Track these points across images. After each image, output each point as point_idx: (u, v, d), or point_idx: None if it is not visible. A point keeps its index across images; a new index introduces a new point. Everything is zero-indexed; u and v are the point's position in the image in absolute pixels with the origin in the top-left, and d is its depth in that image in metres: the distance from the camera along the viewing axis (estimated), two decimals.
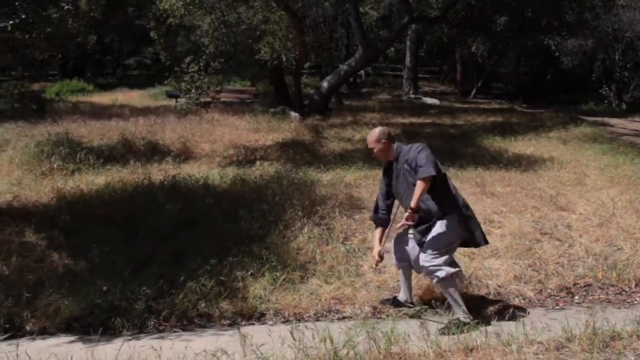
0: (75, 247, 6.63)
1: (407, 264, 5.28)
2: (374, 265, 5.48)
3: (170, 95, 23.56)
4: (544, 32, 20.98)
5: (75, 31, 7.33)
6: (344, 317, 5.32)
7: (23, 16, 5.44)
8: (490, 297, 5.66)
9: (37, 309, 5.34)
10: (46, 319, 5.24)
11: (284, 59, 16.23)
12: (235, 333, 4.93)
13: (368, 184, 8.60)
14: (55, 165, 10.14)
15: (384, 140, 5.18)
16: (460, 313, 4.86)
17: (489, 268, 6.09)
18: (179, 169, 10.15)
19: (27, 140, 11.90)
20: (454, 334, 4.57)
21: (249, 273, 5.79)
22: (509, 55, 29.76)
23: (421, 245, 4.97)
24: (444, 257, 4.90)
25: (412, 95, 26.59)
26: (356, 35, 19.44)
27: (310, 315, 5.37)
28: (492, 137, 14.33)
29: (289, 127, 15.04)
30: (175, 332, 5.08)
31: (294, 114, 17.25)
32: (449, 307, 5.00)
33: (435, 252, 4.88)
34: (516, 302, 5.57)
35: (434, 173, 4.83)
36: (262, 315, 5.39)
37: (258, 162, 10.31)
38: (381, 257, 5.29)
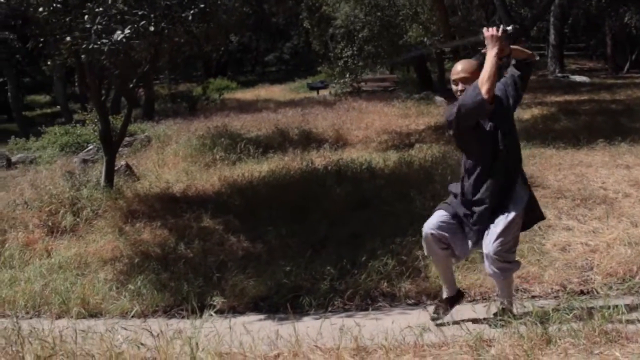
0: (250, 230, 6.81)
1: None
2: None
3: (312, 87, 23.89)
4: None
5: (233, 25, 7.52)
6: (533, 296, 5.06)
7: (202, 5, 5.64)
8: None
9: (225, 289, 5.51)
10: (234, 299, 5.38)
11: (427, 43, 15.96)
12: (422, 312, 4.82)
13: (537, 162, 8.22)
14: (217, 156, 10.53)
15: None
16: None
17: None
18: (337, 155, 10.21)
19: (188, 135, 12.45)
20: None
21: None
22: None
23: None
24: None
25: (558, 74, 25.30)
26: (499, 15, 18.73)
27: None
28: None
29: (438, 111, 14.79)
30: (362, 310, 5.04)
31: (439, 99, 16.95)
32: None
33: None
34: None
35: None
36: None
37: (417, 145, 10.17)
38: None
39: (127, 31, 5.21)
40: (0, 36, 21.59)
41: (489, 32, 4.03)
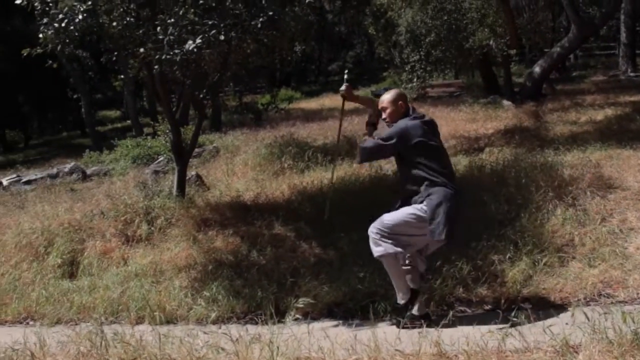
0: (322, 237, 6.79)
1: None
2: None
3: (377, 95, 23.77)
4: None
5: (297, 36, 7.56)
6: (619, 302, 4.85)
7: (270, 13, 5.69)
8: None
9: (298, 295, 5.50)
10: (308, 305, 5.37)
11: (493, 46, 15.68)
12: (501, 318, 4.69)
13: (614, 164, 7.92)
14: (286, 165, 10.55)
15: (400, 102, 4.94)
16: (399, 296, 4.84)
17: None
18: None
19: (256, 145, 12.56)
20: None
21: (507, 257, 5.52)
22: None
23: None
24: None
25: (631, 74, 24.41)
26: (568, 14, 18.25)
27: (579, 300, 4.97)
28: None
29: (506, 115, 14.48)
30: (438, 316, 4.95)
31: (506, 103, 16.63)
32: None
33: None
34: None
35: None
36: (525, 300, 5.11)
37: (487, 149, 9.97)
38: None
39: (198, 41, 5.30)
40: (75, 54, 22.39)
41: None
